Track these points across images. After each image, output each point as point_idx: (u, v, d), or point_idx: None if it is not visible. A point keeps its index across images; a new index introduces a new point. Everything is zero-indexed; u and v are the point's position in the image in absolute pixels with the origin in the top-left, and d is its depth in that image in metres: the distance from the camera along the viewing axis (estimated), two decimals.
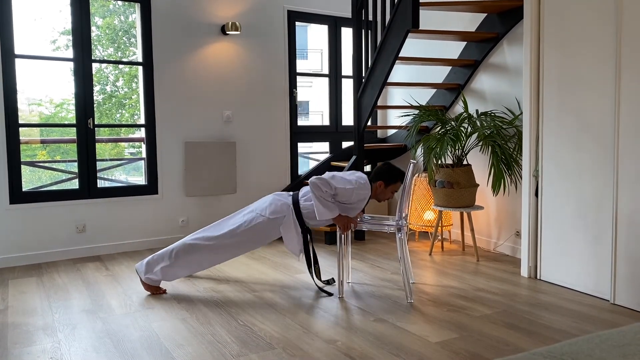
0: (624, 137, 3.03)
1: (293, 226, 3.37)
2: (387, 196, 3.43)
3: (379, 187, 3.38)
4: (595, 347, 1.36)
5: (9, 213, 4.18)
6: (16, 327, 2.88)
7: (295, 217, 3.37)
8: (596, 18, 3.18)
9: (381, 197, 3.44)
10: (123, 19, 5.40)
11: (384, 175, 3.39)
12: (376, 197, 3.43)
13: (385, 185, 3.38)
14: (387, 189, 3.40)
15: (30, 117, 4.79)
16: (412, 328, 2.80)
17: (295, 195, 3.44)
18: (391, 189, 3.41)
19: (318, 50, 13.52)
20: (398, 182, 3.40)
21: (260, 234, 3.39)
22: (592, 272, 3.30)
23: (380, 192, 3.40)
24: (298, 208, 3.37)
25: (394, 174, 3.40)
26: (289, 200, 3.42)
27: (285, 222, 3.37)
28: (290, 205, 3.39)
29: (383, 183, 3.38)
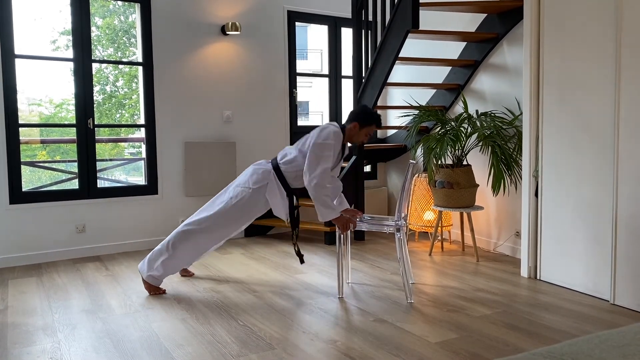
0: (623, 137, 3.03)
1: (277, 191, 3.37)
2: (361, 138, 3.39)
3: (354, 128, 3.35)
4: (595, 348, 1.36)
5: (9, 213, 4.18)
6: (16, 327, 2.88)
7: (278, 180, 3.37)
8: (596, 19, 3.18)
9: (355, 139, 3.39)
10: (123, 19, 5.40)
11: (360, 116, 3.36)
12: (350, 139, 3.39)
13: (360, 127, 3.34)
14: (361, 131, 3.35)
15: (30, 117, 4.79)
16: (411, 328, 2.80)
17: (274, 160, 3.45)
18: (365, 132, 3.36)
19: (318, 51, 13.52)
20: (373, 125, 3.36)
21: (249, 207, 3.39)
22: (591, 272, 3.30)
23: (355, 134, 3.36)
24: (279, 172, 3.38)
25: (369, 115, 3.35)
26: (269, 166, 3.43)
27: (270, 189, 3.37)
28: (272, 170, 3.39)
29: (358, 124, 3.34)
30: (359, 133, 3.36)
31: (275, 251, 4.61)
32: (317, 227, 4.88)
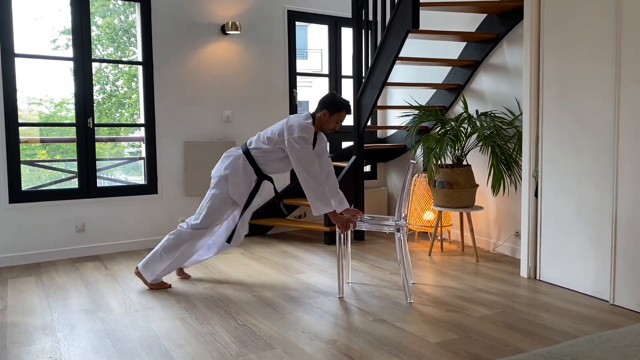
0: (623, 137, 3.03)
1: (243, 175, 3.40)
2: (332, 126, 3.39)
3: (323, 116, 3.36)
4: (596, 348, 1.36)
5: (9, 212, 4.17)
6: (15, 327, 2.87)
7: (249, 163, 3.40)
8: (596, 18, 3.18)
9: (326, 127, 3.40)
10: (123, 19, 5.40)
11: (327, 104, 3.37)
12: (321, 127, 3.40)
13: (329, 115, 3.35)
14: (331, 118, 3.36)
15: (30, 117, 4.79)
16: (411, 328, 2.80)
17: (244, 146, 3.48)
18: (335, 119, 3.37)
19: (318, 50, 13.52)
20: (342, 112, 3.37)
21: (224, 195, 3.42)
22: (591, 272, 3.30)
23: (325, 122, 3.37)
24: (250, 156, 3.41)
25: (337, 102, 3.36)
26: (239, 151, 3.47)
27: (232, 173, 3.40)
28: (241, 155, 3.44)
29: (327, 112, 3.35)
30: (329, 120, 3.37)
31: (275, 251, 4.60)
32: (317, 227, 4.87)
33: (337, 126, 3.42)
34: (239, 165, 3.41)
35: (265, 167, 3.45)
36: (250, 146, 3.45)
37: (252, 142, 3.47)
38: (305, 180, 3.21)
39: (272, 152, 3.38)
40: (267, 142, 3.38)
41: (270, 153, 3.39)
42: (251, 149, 3.43)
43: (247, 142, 3.50)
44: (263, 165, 3.43)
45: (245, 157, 3.42)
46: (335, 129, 3.44)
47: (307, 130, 3.27)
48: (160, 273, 3.49)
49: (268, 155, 3.40)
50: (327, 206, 3.22)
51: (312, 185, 3.20)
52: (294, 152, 3.23)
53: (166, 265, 3.47)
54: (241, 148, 3.50)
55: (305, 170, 3.21)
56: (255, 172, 3.43)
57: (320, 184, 3.23)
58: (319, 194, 3.21)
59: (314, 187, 3.20)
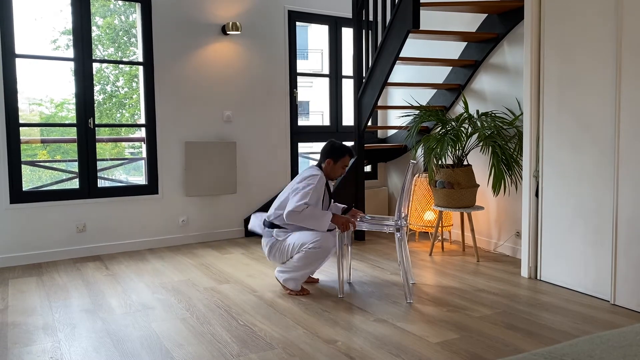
0: (624, 137, 3.03)
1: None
2: (339, 172, 3.46)
3: (328, 164, 3.42)
4: (596, 348, 1.36)
5: (10, 213, 4.18)
6: (16, 327, 2.88)
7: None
8: (597, 19, 3.18)
9: (333, 175, 3.46)
10: (123, 19, 5.40)
11: (329, 153, 3.43)
12: (328, 175, 3.44)
13: (334, 162, 3.42)
14: (336, 166, 3.43)
15: (30, 117, 4.79)
16: (412, 328, 2.80)
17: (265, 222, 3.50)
18: (341, 164, 3.44)
19: (318, 51, 13.52)
20: (346, 157, 3.43)
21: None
22: (592, 272, 3.30)
23: (331, 170, 3.44)
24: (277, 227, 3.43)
25: (337, 149, 3.43)
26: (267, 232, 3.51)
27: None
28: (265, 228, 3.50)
29: (331, 160, 3.42)
30: (334, 167, 3.43)
31: None
32: None
33: (344, 171, 3.49)
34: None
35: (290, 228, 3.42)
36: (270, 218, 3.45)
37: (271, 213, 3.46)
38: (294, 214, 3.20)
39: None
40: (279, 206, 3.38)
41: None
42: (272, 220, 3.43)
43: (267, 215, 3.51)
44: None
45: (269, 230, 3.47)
46: (343, 174, 3.52)
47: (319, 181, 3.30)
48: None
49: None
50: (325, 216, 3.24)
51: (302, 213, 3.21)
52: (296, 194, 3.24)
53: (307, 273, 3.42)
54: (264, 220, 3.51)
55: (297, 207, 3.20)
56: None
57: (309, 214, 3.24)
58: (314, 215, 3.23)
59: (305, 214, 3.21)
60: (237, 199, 5.13)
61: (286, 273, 3.39)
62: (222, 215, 5.06)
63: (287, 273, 3.38)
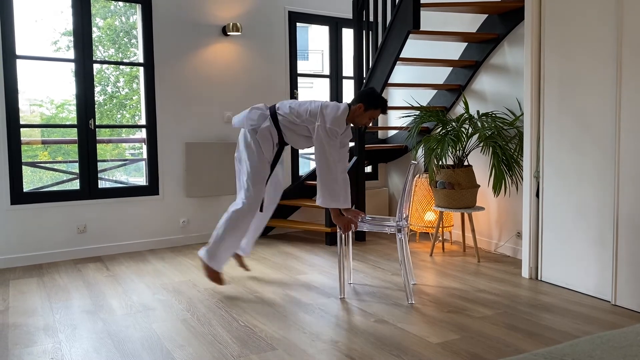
0: (624, 137, 3.03)
1: (268, 130, 3.32)
2: (364, 121, 3.32)
3: (358, 109, 3.28)
4: (596, 348, 1.36)
5: (10, 214, 4.18)
6: (17, 328, 2.88)
7: (273, 124, 3.33)
8: (597, 19, 3.18)
9: (358, 121, 3.33)
10: (124, 20, 5.40)
11: (365, 97, 3.30)
12: (353, 119, 3.33)
13: (364, 109, 3.28)
14: (365, 113, 3.29)
15: (31, 118, 4.79)
16: (412, 329, 2.80)
17: (272, 107, 3.39)
18: (369, 115, 3.30)
19: (319, 51, 13.52)
20: (378, 110, 3.30)
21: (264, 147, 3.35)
22: (593, 273, 3.30)
23: (358, 115, 3.30)
24: (276, 119, 3.34)
25: (376, 99, 3.29)
26: (267, 111, 3.38)
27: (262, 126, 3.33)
28: (268, 115, 3.36)
29: (363, 106, 3.28)
30: (363, 114, 3.29)
31: (276, 252, 4.61)
32: (318, 228, 4.87)
33: (368, 122, 3.35)
34: (267, 123, 3.33)
35: (287, 136, 3.37)
36: (278, 110, 3.36)
37: (281, 108, 3.36)
38: (323, 171, 3.18)
39: (298, 125, 3.30)
40: (297, 116, 3.29)
41: (296, 126, 3.31)
42: (279, 113, 3.34)
43: (276, 105, 3.40)
44: (285, 132, 3.35)
45: (271, 119, 3.34)
46: (367, 125, 3.39)
47: (339, 123, 3.21)
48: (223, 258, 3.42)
49: (293, 128, 3.32)
50: (334, 202, 3.21)
51: (326, 177, 3.18)
52: (320, 141, 3.18)
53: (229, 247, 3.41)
54: (268, 108, 3.39)
55: (327, 160, 3.17)
56: (278, 134, 3.36)
57: (335, 180, 3.20)
58: (330, 188, 3.19)
59: (328, 180, 3.18)
60: None
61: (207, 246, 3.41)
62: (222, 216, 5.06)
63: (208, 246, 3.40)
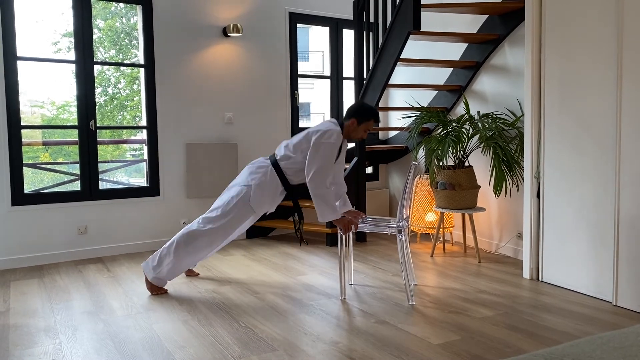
0: (625, 138, 3.02)
1: (269, 186, 3.37)
2: (360, 135, 3.37)
3: (352, 125, 3.33)
4: (597, 349, 1.36)
5: (11, 215, 4.18)
6: (17, 329, 2.88)
7: (277, 175, 3.38)
8: (598, 20, 3.18)
9: (354, 136, 3.37)
10: (125, 21, 5.41)
11: (356, 112, 3.33)
12: (348, 135, 3.37)
13: (357, 123, 3.33)
14: (359, 127, 3.33)
15: (32, 119, 4.80)
16: (413, 330, 2.80)
17: (272, 157, 3.45)
18: (364, 127, 3.34)
19: (319, 52, 13.53)
20: (371, 121, 3.33)
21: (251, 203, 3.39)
22: (594, 273, 3.30)
23: (353, 130, 3.35)
24: (279, 167, 3.38)
25: (366, 111, 3.33)
26: (267, 162, 3.45)
27: (260, 181, 3.37)
28: (269, 166, 3.41)
29: (356, 121, 3.32)
30: (357, 129, 3.35)
31: (277, 252, 4.61)
32: (319, 229, 4.87)
33: (365, 135, 3.41)
34: (267, 176, 3.38)
35: (293, 178, 3.42)
36: (277, 157, 3.42)
37: (279, 152, 3.44)
38: (316, 186, 3.20)
39: (300, 161, 3.35)
40: (294, 149, 3.35)
41: (298, 164, 3.36)
42: (279, 159, 3.40)
43: (275, 152, 3.48)
44: (291, 175, 3.40)
45: (273, 168, 3.40)
46: (364, 138, 3.44)
47: (337, 137, 3.26)
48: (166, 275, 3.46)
49: (296, 164, 3.36)
50: (333, 213, 3.24)
51: (321, 192, 3.20)
52: (317, 154, 3.21)
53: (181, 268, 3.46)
54: (269, 159, 3.47)
55: (319, 175, 3.20)
56: (282, 183, 3.41)
57: (329, 193, 3.24)
58: (327, 201, 3.22)
59: (323, 194, 3.21)
60: None
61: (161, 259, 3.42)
62: None
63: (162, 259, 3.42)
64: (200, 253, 3.49)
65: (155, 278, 3.44)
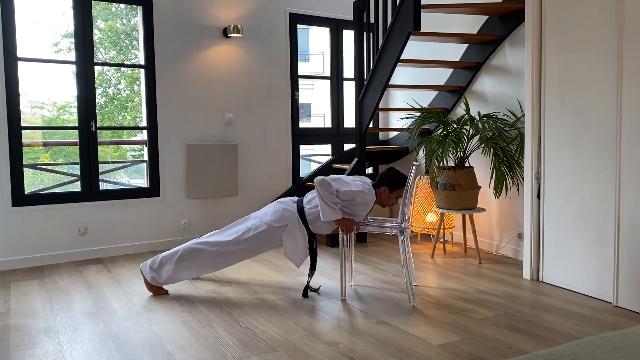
0: (625, 138, 3.02)
1: (298, 233, 3.37)
2: (392, 201, 3.45)
3: (383, 192, 3.40)
4: (597, 349, 1.36)
5: (12, 215, 4.19)
6: (18, 330, 2.88)
7: (302, 223, 3.38)
8: (598, 20, 3.18)
9: (385, 203, 3.46)
10: (125, 22, 5.42)
11: (388, 180, 3.42)
12: (380, 202, 3.45)
13: (389, 191, 3.40)
14: (391, 195, 3.42)
15: (32, 120, 4.81)
16: (414, 330, 2.80)
17: (300, 202, 3.44)
18: (395, 195, 3.42)
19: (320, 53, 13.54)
20: (402, 188, 3.41)
21: (263, 242, 3.39)
22: (594, 274, 3.29)
23: (385, 198, 3.42)
24: (303, 214, 3.38)
25: (397, 179, 3.42)
26: (294, 207, 3.42)
27: (289, 229, 3.36)
28: (295, 212, 3.39)
29: (387, 189, 3.40)
30: (389, 196, 3.42)
31: (278, 253, 4.60)
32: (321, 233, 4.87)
33: (396, 201, 3.47)
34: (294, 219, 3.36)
35: (314, 227, 3.41)
36: (305, 203, 3.42)
37: (308, 200, 3.43)
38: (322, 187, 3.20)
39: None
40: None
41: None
42: (306, 205, 3.40)
43: (304, 198, 3.48)
44: (311, 223, 3.39)
45: (298, 214, 3.39)
46: (395, 204, 3.51)
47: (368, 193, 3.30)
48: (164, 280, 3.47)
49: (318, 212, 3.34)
50: (335, 213, 3.25)
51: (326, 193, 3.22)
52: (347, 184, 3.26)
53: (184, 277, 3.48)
54: (296, 203, 3.46)
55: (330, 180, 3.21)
56: (306, 229, 3.41)
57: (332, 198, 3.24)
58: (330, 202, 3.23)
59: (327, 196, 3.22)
60: (239, 201, 5.13)
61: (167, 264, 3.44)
62: (223, 217, 5.06)
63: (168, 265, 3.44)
64: (201, 271, 3.51)
65: (153, 279, 3.46)
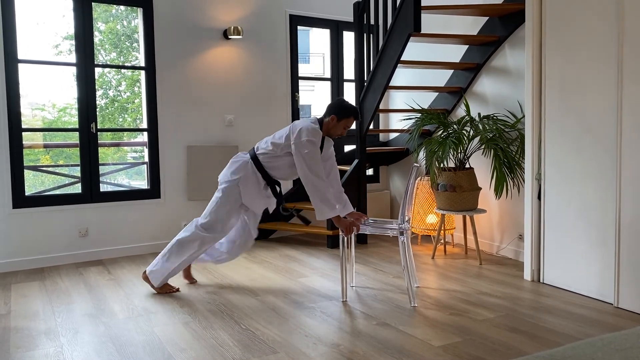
0: (626, 139, 3.02)
1: (254, 180, 3.39)
2: (339, 131, 3.38)
3: (331, 121, 3.34)
4: (598, 351, 1.35)
5: (12, 217, 4.19)
6: (18, 331, 2.88)
7: (256, 169, 3.39)
8: (598, 21, 3.18)
9: (333, 132, 3.39)
10: (125, 24, 5.42)
11: (336, 109, 3.35)
12: (328, 132, 3.39)
13: (337, 120, 3.34)
14: (339, 124, 3.35)
15: (33, 122, 4.81)
16: (415, 332, 2.80)
17: (252, 151, 3.46)
18: (343, 124, 3.36)
19: (320, 54, 13.56)
20: (350, 118, 3.35)
21: (231, 200, 3.40)
22: (595, 275, 3.29)
23: (332, 127, 3.36)
24: (258, 162, 3.39)
25: (346, 108, 3.35)
26: (246, 156, 3.45)
27: (244, 178, 3.39)
28: (249, 161, 3.41)
29: (335, 117, 3.33)
30: (336, 125, 3.36)
31: (278, 255, 4.60)
32: (320, 231, 4.87)
33: (344, 132, 3.41)
34: (248, 170, 3.40)
35: (274, 172, 3.43)
36: (257, 151, 3.44)
37: (259, 147, 3.46)
38: (311, 184, 3.21)
39: (279, 157, 3.37)
40: (274, 146, 3.37)
41: (278, 158, 3.37)
42: (258, 154, 3.42)
43: (255, 146, 3.50)
44: (270, 170, 3.41)
45: (252, 162, 3.42)
46: (343, 135, 3.44)
47: (315, 134, 3.26)
48: (166, 276, 3.49)
49: (275, 160, 3.38)
50: (332, 210, 3.22)
51: (317, 189, 3.20)
52: (301, 155, 3.22)
53: (173, 267, 3.47)
54: (248, 153, 3.49)
55: (311, 173, 3.20)
56: (263, 177, 3.42)
57: (326, 188, 3.23)
58: (324, 198, 3.21)
59: (320, 192, 3.20)
60: None
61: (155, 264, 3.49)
62: None
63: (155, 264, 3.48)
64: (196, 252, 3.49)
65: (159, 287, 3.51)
